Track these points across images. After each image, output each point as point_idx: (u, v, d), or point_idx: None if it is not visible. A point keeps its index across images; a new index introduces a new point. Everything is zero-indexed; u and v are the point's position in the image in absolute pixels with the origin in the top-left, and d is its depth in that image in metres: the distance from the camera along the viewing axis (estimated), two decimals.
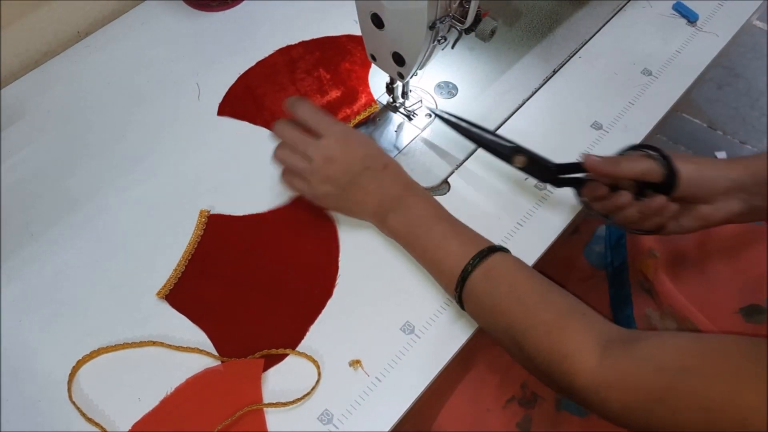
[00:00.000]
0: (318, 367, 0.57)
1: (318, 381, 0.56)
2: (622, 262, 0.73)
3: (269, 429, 0.54)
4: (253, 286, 0.62)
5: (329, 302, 0.61)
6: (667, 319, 0.65)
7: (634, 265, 0.71)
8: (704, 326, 0.61)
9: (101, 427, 0.54)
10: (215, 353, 0.58)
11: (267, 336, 0.59)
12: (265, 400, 0.56)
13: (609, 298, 0.72)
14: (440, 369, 0.58)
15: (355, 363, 0.58)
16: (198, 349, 0.58)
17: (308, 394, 0.56)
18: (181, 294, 0.62)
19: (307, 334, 0.60)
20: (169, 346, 0.59)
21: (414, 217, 0.60)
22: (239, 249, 0.65)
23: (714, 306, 0.61)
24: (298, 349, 0.59)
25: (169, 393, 0.56)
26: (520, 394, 0.69)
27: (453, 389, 0.69)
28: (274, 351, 0.58)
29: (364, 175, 0.60)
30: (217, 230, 0.66)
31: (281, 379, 0.57)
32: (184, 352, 0.58)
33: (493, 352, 0.71)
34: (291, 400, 0.55)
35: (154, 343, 0.59)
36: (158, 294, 0.62)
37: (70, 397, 0.56)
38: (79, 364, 0.58)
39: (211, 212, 0.67)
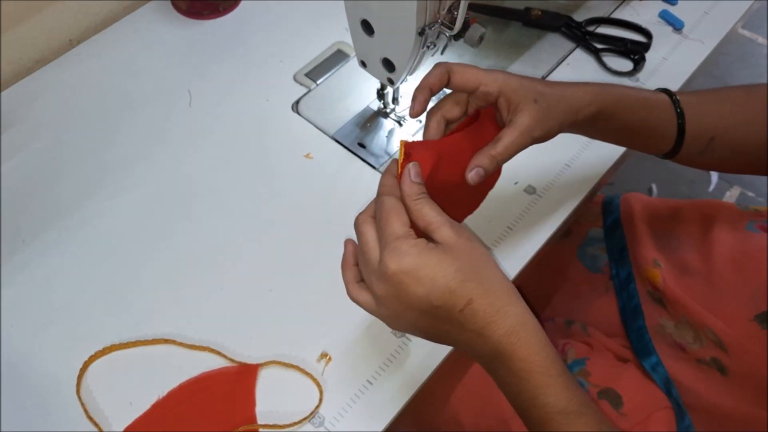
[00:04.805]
0: (320, 388, 0.57)
1: (318, 406, 0.56)
2: (627, 274, 0.72)
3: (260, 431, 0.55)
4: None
5: (323, 302, 0.61)
6: (683, 328, 0.64)
7: (639, 275, 0.71)
8: (724, 334, 0.60)
9: (99, 427, 0.54)
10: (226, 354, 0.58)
11: None
12: (258, 410, 0.56)
13: (618, 310, 0.72)
14: (431, 372, 0.58)
15: (323, 356, 0.58)
16: (210, 348, 0.58)
17: (307, 417, 0.55)
18: None
19: (300, 337, 0.60)
20: (181, 344, 0.58)
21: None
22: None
23: (727, 314, 0.60)
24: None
25: (161, 396, 0.56)
26: None
27: (461, 377, 0.69)
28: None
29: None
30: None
31: (277, 390, 0.57)
32: (196, 350, 0.58)
33: None
34: (287, 422, 0.55)
35: (166, 341, 0.59)
36: None
37: (78, 392, 0.56)
38: (91, 359, 0.58)
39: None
